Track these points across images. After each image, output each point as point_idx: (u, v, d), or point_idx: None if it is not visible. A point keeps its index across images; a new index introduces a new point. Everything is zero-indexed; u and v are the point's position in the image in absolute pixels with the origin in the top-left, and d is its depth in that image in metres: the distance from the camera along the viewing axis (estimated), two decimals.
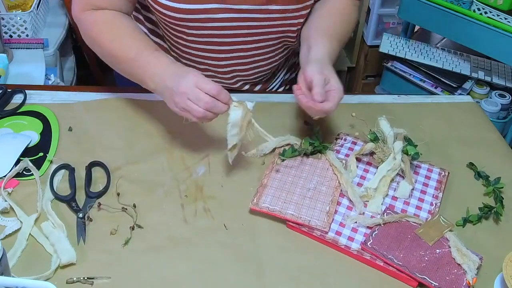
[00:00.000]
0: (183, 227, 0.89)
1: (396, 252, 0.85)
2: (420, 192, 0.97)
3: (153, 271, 0.82)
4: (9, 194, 0.91)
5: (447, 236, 0.88)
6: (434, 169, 1.02)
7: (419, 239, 0.87)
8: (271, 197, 0.93)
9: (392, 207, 0.94)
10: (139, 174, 0.98)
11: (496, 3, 1.71)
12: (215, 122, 1.08)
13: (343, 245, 0.87)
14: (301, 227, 0.89)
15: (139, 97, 1.15)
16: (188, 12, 1.02)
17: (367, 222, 0.90)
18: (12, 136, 1.03)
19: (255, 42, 1.12)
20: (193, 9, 1.02)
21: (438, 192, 0.98)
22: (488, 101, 1.96)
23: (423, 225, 0.90)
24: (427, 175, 1.01)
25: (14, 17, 1.70)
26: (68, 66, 2.08)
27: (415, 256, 0.85)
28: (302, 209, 0.91)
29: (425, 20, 1.94)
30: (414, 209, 0.94)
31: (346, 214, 0.92)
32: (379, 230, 0.89)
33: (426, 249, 0.86)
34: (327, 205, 0.92)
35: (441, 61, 2.07)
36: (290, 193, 0.94)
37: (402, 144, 0.99)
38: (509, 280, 0.78)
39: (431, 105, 1.23)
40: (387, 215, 0.91)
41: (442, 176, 1.01)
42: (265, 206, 0.91)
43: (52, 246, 0.84)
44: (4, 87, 1.13)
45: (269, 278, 0.82)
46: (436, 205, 0.95)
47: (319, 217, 0.90)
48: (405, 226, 0.90)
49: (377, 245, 0.86)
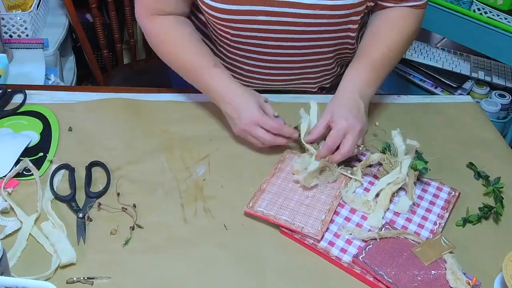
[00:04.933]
0: (183, 227, 0.89)
1: (388, 268, 0.82)
2: (425, 210, 0.94)
3: (153, 271, 0.82)
4: (9, 194, 0.91)
5: (445, 257, 0.84)
6: (444, 188, 0.98)
7: (415, 258, 0.84)
8: (267, 202, 0.92)
9: (393, 222, 0.91)
10: (139, 174, 0.98)
11: (496, 3, 1.71)
12: (215, 122, 1.08)
13: (334, 256, 0.85)
14: (294, 233, 0.88)
15: (139, 97, 1.15)
16: (231, 13, 1.02)
17: (363, 235, 0.87)
18: (12, 136, 1.03)
19: (303, 48, 1.09)
20: (236, 10, 1.02)
21: (445, 212, 0.94)
22: (488, 101, 1.96)
23: (422, 243, 0.86)
24: (436, 194, 0.97)
25: (14, 17, 1.70)
26: (68, 66, 2.08)
27: (407, 275, 0.82)
28: (297, 215, 0.90)
29: (425, 20, 1.93)
30: (416, 227, 0.91)
31: (342, 225, 0.90)
32: (374, 245, 0.86)
33: (420, 269, 0.83)
34: (324, 214, 0.91)
35: (441, 61, 2.07)
36: (287, 199, 0.93)
37: (411, 159, 0.96)
38: (509, 280, 0.78)
39: (431, 105, 1.23)
40: (385, 230, 0.89)
41: (451, 196, 0.96)
42: (260, 210, 0.90)
43: (52, 246, 0.83)
44: (4, 87, 1.13)
45: (269, 278, 0.82)
46: (440, 225, 0.91)
47: (313, 225, 0.88)
48: (402, 243, 0.87)
49: (368, 259, 0.83)
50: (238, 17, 1.03)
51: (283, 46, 1.09)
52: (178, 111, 1.13)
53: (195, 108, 1.13)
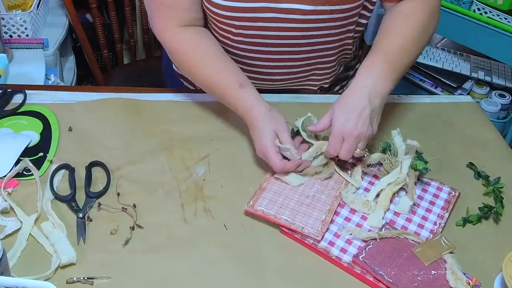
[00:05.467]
0: (183, 227, 0.89)
1: (388, 268, 0.82)
2: (425, 210, 0.94)
3: (153, 271, 0.82)
4: (9, 194, 0.91)
5: (445, 257, 0.84)
6: (444, 188, 0.98)
7: (415, 258, 0.84)
8: (267, 201, 0.92)
9: (393, 222, 0.91)
10: (139, 174, 0.98)
11: (496, 3, 1.71)
12: (215, 122, 1.08)
13: (334, 256, 0.85)
14: (294, 233, 0.88)
15: (139, 97, 1.14)
16: (236, 10, 1.01)
17: (363, 235, 0.87)
18: (12, 136, 1.03)
19: (307, 45, 1.08)
20: (240, 7, 1.00)
21: (445, 212, 0.93)
22: (488, 101, 1.96)
23: (422, 244, 0.86)
24: (436, 194, 0.97)
25: (14, 17, 1.70)
26: (68, 66, 2.08)
27: (407, 275, 0.82)
28: (297, 215, 0.90)
29: None
30: (416, 227, 0.91)
31: (342, 225, 0.90)
32: (374, 245, 0.86)
33: (420, 269, 0.83)
34: (324, 214, 0.90)
35: (441, 61, 2.07)
36: (288, 199, 0.93)
37: (411, 159, 0.96)
38: (509, 280, 0.78)
39: (431, 105, 1.23)
40: (385, 230, 0.89)
41: (451, 196, 0.96)
42: (260, 209, 0.90)
43: (52, 246, 0.83)
44: (4, 87, 1.13)
45: (269, 278, 0.82)
46: (440, 225, 0.91)
47: (313, 225, 0.88)
48: (402, 243, 0.87)
49: (369, 259, 0.83)
50: (241, 15, 1.02)
51: (286, 44, 1.08)
52: (178, 111, 1.13)
53: (195, 108, 1.13)
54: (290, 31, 1.05)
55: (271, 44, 1.08)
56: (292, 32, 1.05)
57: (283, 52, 1.10)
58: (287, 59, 1.12)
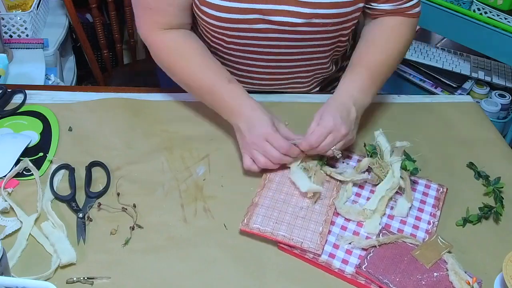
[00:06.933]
0: (183, 227, 0.89)
1: (392, 276, 0.81)
2: (418, 210, 0.93)
3: (153, 271, 0.82)
4: (9, 194, 0.91)
5: (445, 258, 0.84)
6: (432, 185, 0.98)
7: (416, 261, 0.83)
8: (262, 217, 0.89)
9: (388, 226, 0.90)
10: (139, 174, 0.98)
11: (496, 3, 1.71)
12: (215, 122, 1.08)
13: (336, 268, 0.83)
14: (293, 249, 0.86)
15: (139, 97, 1.15)
16: (229, 21, 1.02)
17: (362, 244, 0.86)
18: (12, 136, 1.03)
19: (298, 54, 1.11)
20: (234, 19, 1.01)
21: (436, 210, 0.94)
22: (488, 101, 1.96)
23: (420, 246, 0.86)
24: (425, 192, 0.97)
25: (14, 17, 1.70)
26: (68, 66, 2.08)
27: (412, 280, 0.81)
28: (294, 230, 0.87)
29: (425, 20, 1.93)
30: (411, 228, 0.90)
31: (340, 234, 0.88)
32: (374, 252, 0.85)
33: (423, 272, 0.82)
34: (320, 226, 0.89)
35: (441, 61, 2.07)
36: (282, 213, 0.91)
37: (400, 159, 0.95)
38: (509, 280, 0.78)
39: (431, 105, 1.23)
40: (382, 236, 0.87)
41: (440, 193, 0.97)
42: (255, 227, 0.88)
43: (52, 246, 0.83)
44: (4, 87, 1.13)
45: (269, 278, 0.82)
46: (434, 224, 0.91)
47: (312, 239, 0.86)
48: (401, 247, 0.86)
49: (372, 268, 0.82)
50: (234, 26, 1.03)
51: (277, 52, 1.10)
52: (178, 111, 1.13)
53: (195, 108, 1.13)
54: (282, 41, 1.07)
55: (263, 52, 1.10)
56: (285, 42, 1.07)
57: (274, 60, 1.12)
58: (278, 66, 1.14)
